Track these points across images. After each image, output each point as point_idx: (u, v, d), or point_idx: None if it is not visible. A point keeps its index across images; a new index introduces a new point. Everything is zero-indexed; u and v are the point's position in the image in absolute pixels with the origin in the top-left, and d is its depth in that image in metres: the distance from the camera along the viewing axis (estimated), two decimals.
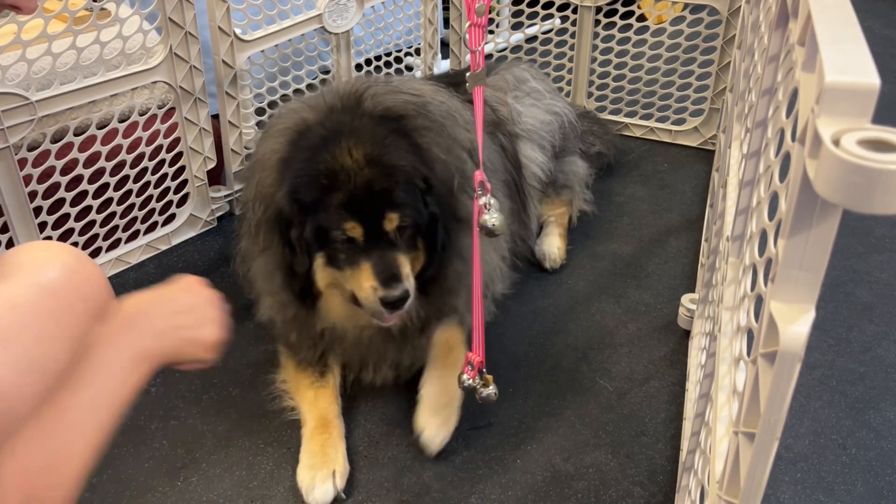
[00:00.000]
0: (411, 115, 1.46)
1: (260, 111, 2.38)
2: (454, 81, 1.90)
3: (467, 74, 1.31)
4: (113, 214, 1.99)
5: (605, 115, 2.77)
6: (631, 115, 2.79)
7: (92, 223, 1.95)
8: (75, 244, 1.93)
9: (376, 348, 1.61)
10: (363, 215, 1.38)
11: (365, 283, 1.40)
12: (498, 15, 3.06)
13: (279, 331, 1.67)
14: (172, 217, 2.17)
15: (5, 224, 1.77)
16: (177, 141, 2.06)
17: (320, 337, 1.59)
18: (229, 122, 2.16)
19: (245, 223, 1.59)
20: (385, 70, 2.70)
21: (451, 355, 1.57)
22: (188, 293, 1.13)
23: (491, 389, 1.47)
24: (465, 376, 1.46)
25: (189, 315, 1.11)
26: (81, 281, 1.00)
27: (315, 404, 1.57)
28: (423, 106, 1.50)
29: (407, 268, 1.43)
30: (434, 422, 1.53)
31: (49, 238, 1.83)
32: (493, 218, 1.30)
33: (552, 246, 2.11)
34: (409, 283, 1.42)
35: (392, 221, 1.39)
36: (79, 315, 0.98)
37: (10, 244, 1.77)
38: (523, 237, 2.05)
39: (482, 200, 1.30)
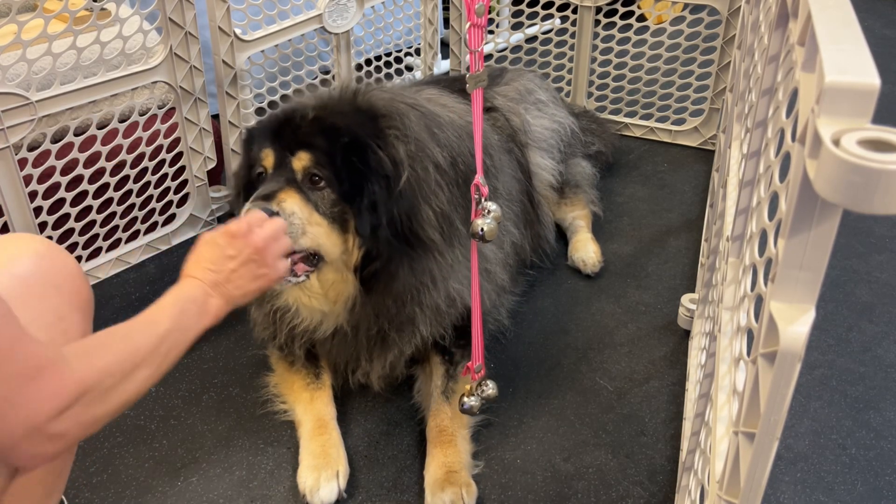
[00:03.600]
0: (389, 116, 1.46)
1: (260, 111, 2.38)
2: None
3: (467, 76, 1.31)
4: (113, 214, 1.99)
5: (605, 115, 2.77)
6: (631, 115, 2.79)
7: (92, 223, 1.95)
8: (75, 244, 1.93)
9: (338, 346, 1.58)
10: (277, 147, 1.41)
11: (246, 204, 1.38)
12: (498, 15, 3.06)
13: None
14: (173, 217, 2.17)
15: (5, 224, 1.77)
16: (177, 141, 2.06)
17: (275, 315, 1.56)
18: (229, 122, 2.16)
19: None
20: (385, 70, 2.70)
21: (444, 434, 1.52)
22: (240, 243, 1.21)
23: (490, 389, 1.47)
24: (464, 398, 1.47)
25: (249, 269, 1.20)
26: (54, 270, 1.01)
27: (311, 406, 1.57)
28: (406, 114, 1.49)
29: (294, 201, 1.37)
30: (444, 500, 1.41)
31: (49, 238, 1.83)
32: (483, 223, 1.29)
33: (588, 251, 2.10)
34: (285, 207, 1.35)
35: (301, 160, 1.39)
36: (52, 302, 0.99)
37: None
38: (538, 244, 2.06)
39: (481, 204, 1.30)
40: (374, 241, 1.41)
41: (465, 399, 1.47)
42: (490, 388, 1.48)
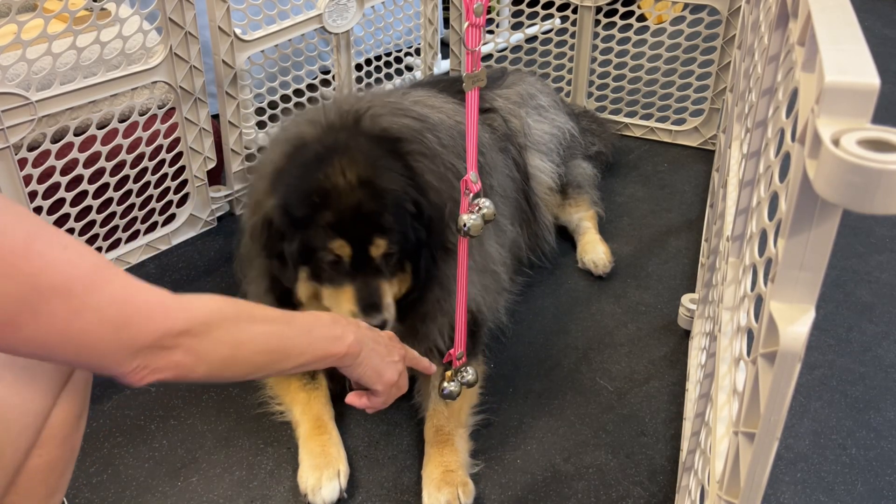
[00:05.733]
0: (407, 139, 1.45)
1: (260, 111, 2.38)
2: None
3: (464, 75, 1.31)
4: (113, 214, 1.99)
5: (605, 115, 2.77)
6: (631, 115, 2.79)
7: (92, 223, 1.95)
8: None
9: None
10: (351, 237, 1.37)
11: (345, 305, 1.40)
12: (498, 15, 3.06)
13: None
14: (172, 217, 2.17)
15: None
16: (177, 141, 2.06)
17: None
18: (229, 122, 2.16)
19: (243, 228, 1.60)
20: (385, 70, 2.70)
21: (441, 434, 1.52)
22: (389, 341, 1.30)
23: (469, 375, 1.48)
24: (444, 384, 1.48)
25: (383, 349, 1.26)
26: None
27: (309, 406, 1.57)
28: (421, 132, 1.49)
29: (389, 297, 1.43)
30: (440, 500, 1.42)
31: None
32: (469, 218, 1.29)
33: (597, 253, 2.09)
34: (389, 312, 1.42)
35: (379, 247, 1.38)
36: None
37: None
38: (536, 244, 2.06)
39: (475, 200, 1.30)
40: (423, 276, 1.46)
41: (445, 384, 1.49)
42: (469, 375, 1.49)
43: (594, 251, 2.10)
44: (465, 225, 1.30)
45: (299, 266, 1.44)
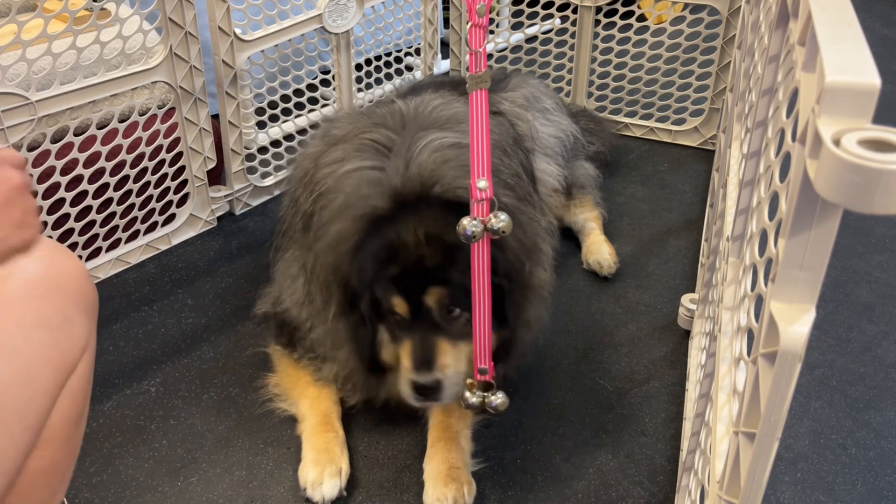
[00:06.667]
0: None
1: (260, 111, 2.38)
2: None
3: (468, 76, 1.30)
4: (113, 214, 1.99)
5: (605, 115, 2.77)
6: (631, 115, 2.79)
7: (92, 223, 1.95)
8: (75, 244, 1.93)
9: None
10: (409, 290, 1.34)
11: (403, 361, 1.38)
12: (498, 15, 3.06)
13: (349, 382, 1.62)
14: (172, 217, 2.17)
15: None
16: (177, 141, 2.06)
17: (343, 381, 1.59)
18: (229, 122, 2.16)
19: (311, 280, 1.53)
20: (385, 70, 2.70)
21: (450, 430, 1.52)
22: None
23: (500, 397, 1.39)
24: (467, 394, 1.40)
25: None
26: (59, 272, 1.01)
27: (318, 401, 1.57)
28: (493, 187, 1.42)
29: (447, 356, 1.37)
30: (446, 495, 1.42)
31: (49, 238, 1.83)
32: (471, 225, 1.25)
33: (602, 253, 2.09)
34: (446, 373, 1.36)
35: (433, 296, 1.34)
36: (57, 303, 0.99)
37: None
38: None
39: (493, 211, 1.27)
40: (508, 329, 1.42)
41: (468, 394, 1.41)
42: (500, 398, 1.39)
43: (599, 252, 2.10)
44: (466, 231, 1.25)
45: (376, 323, 1.41)
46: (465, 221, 1.26)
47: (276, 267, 1.70)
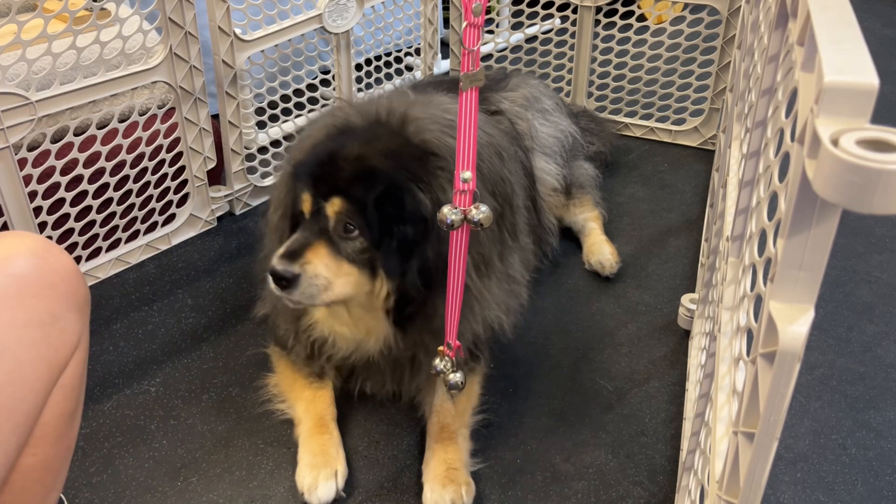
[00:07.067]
0: (442, 157, 1.40)
1: (260, 111, 2.38)
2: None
3: (462, 74, 1.30)
4: (113, 214, 1.99)
5: (605, 115, 2.77)
6: (631, 115, 2.79)
7: (92, 223, 1.95)
8: (75, 244, 1.93)
9: (368, 369, 1.59)
10: (318, 192, 1.36)
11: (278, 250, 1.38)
12: (498, 15, 3.06)
13: (277, 329, 1.66)
14: (172, 217, 2.17)
15: (5, 224, 1.77)
16: (177, 141, 2.06)
17: (313, 346, 1.58)
18: (229, 122, 2.16)
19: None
20: (385, 70, 2.70)
21: (445, 431, 1.52)
22: None
23: (458, 376, 1.38)
24: (436, 360, 1.38)
25: None
26: (49, 269, 1.01)
27: (313, 404, 1.57)
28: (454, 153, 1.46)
29: (316, 257, 1.34)
30: (444, 497, 1.42)
31: (49, 238, 1.83)
32: (452, 213, 1.23)
33: (604, 254, 2.09)
34: (306, 269, 1.33)
35: (334, 206, 1.34)
36: (47, 301, 0.99)
37: None
38: (538, 247, 2.05)
39: (475, 203, 1.25)
40: (405, 283, 1.39)
41: (451, 377, 1.39)
42: (457, 376, 1.38)
43: (601, 252, 2.10)
44: (447, 218, 1.23)
45: (286, 228, 1.44)
46: (446, 209, 1.24)
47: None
